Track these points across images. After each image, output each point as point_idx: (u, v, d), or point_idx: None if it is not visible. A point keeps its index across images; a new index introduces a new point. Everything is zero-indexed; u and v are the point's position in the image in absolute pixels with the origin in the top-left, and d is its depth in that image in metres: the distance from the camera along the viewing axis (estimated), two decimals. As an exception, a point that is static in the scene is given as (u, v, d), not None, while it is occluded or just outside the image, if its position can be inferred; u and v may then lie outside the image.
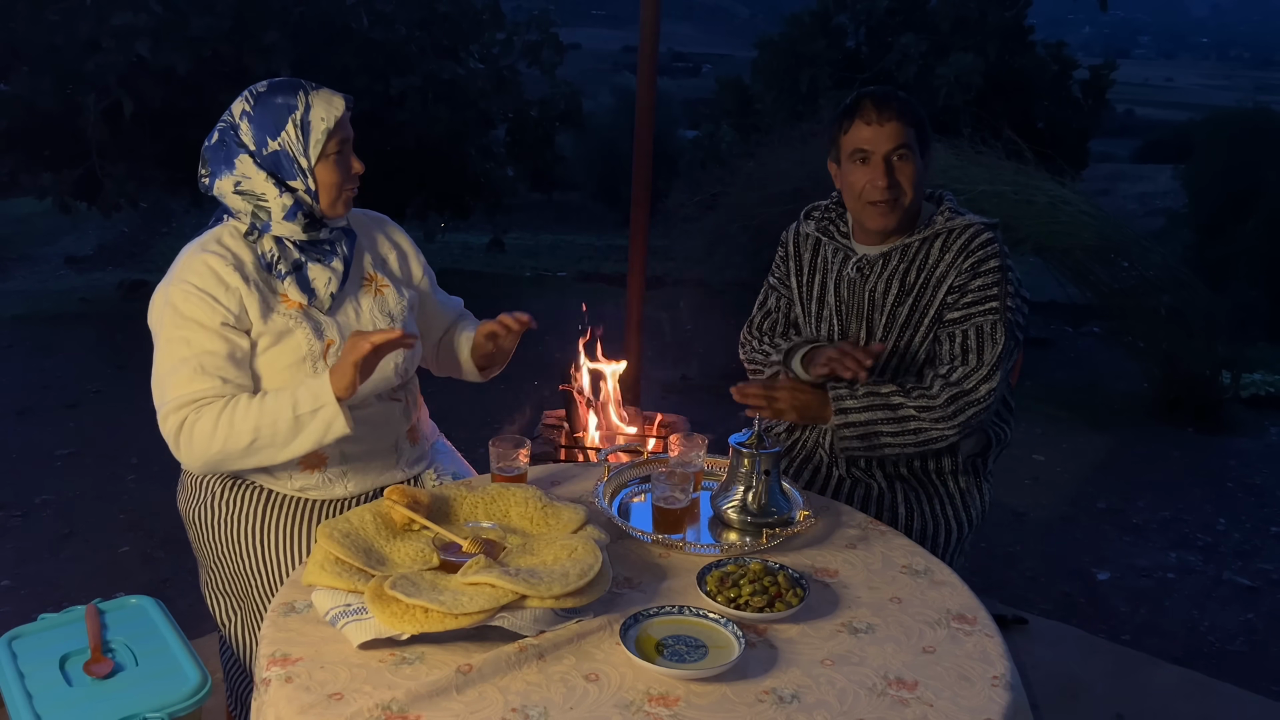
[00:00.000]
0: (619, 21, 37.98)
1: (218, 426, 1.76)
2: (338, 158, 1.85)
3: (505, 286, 8.16)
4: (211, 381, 1.78)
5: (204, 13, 5.78)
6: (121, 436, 4.40)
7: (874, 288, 2.12)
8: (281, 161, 1.82)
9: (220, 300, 1.80)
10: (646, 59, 3.00)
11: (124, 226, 9.65)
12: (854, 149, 2.04)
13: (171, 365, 1.80)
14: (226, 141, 1.84)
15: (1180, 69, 60.67)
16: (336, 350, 1.87)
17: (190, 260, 1.83)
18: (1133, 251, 5.61)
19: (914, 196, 2.04)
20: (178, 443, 1.80)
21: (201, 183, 1.88)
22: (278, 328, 1.84)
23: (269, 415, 1.76)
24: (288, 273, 1.85)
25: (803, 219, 2.27)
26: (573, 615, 1.46)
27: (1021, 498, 4.17)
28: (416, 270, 2.10)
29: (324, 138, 1.82)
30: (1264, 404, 5.69)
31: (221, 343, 1.80)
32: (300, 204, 1.84)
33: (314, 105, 1.82)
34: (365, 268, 2.00)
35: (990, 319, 2.03)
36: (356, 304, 1.95)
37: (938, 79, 8.53)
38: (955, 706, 1.33)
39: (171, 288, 1.82)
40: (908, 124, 2.01)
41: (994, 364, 2.03)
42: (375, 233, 2.07)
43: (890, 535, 1.82)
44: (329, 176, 1.85)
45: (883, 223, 2.07)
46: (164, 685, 1.62)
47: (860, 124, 2.02)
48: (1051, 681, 2.73)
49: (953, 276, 2.05)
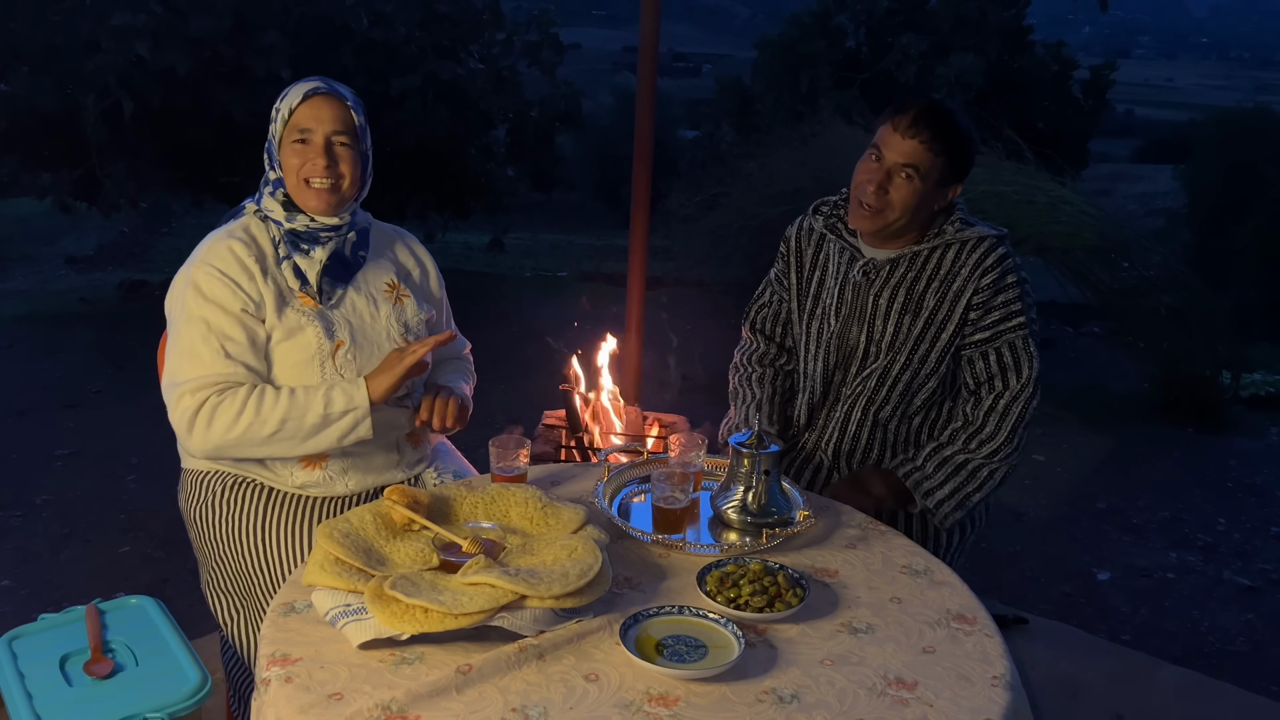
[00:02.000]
0: (619, 21, 38.00)
1: (243, 412, 1.79)
2: (296, 145, 1.87)
3: (505, 286, 8.16)
4: (235, 367, 1.81)
5: (204, 13, 5.78)
6: (121, 436, 4.40)
7: (879, 294, 2.09)
8: (270, 144, 1.92)
9: (242, 286, 1.83)
10: (646, 59, 2.99)
11: (124, 226, 9.65)
12: (874, 144, 2.02)
13: (191, 344, 1.82)
14: None
15: (1180, 69, 60.68)
16: (346, 351, 1.89)
17: (215, 245, 1.87)
18: (1133, 251, 5.62)
19: (901, 216, 2.00)
20: (193, 422, 1.80)
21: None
22: (290, 324, 1.87)
23: (299, 409, 1.81)
24: (285, 257, 1.89)
25: (810, 213, 2.24)
26: (573, 615, 1.46)
27: (1021, 498, 4.17)
28: (435, 288, 2.14)
29: (281, 125, 1.88)
30: (1264, 404, 5.70)
31: (241, 330, 1.83)
32: (280, 182, 1.91)
33: (288, 93, 1.89)
34: (388, 274, 2.03)
35: (1021, 334, 2.03)
36: (374, 308, 1.97)
37: (938, 79, 8.54)
38: (955, 706, 1.33)
39: (195, 269, 1.85)
40: (933, 151, 1.96)
41: (1037, 379, 2.05)
42: (399, 246, 2.11)
43: (890, 535, 1.82)
44: (288, 160, 1.89)
45: (859, 224, 2.05)
46: (164, 685, 1.62)
47: (890, 126, 1.99)
48: (1051, 681, 2.73)
49: (970, 292, 2.02)
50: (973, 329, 2.05)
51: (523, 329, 6.57)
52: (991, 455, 2.04)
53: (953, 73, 8.51)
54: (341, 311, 1.93)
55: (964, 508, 2.07)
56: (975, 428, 2.05)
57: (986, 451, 2.04)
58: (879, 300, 2.09)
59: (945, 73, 8.54)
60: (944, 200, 2.04)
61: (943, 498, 2.04)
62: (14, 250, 9.55)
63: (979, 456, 2.04)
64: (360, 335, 1.92)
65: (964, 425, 2.07)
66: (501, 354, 5.63)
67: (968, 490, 2.05)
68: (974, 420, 2.06)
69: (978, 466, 2.04)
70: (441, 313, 2.16)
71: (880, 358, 2.10)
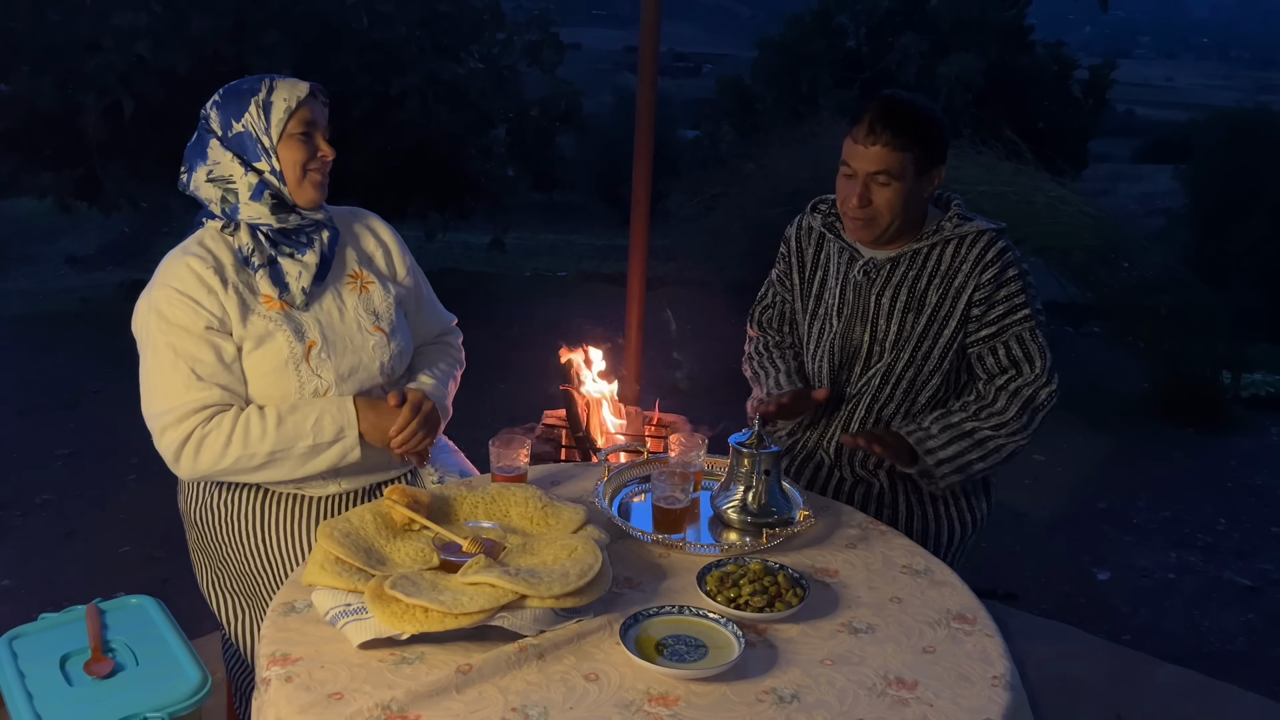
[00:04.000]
0: (619, 21, 37.96)
1: (230, 444, 1.78)
2: (302, 138, 1.85)
3: (505, 286, 8.16)
4: (208, 390, 1.79)
5: (204, 13, 5.78)
6: (121, 436, 4.39)
7: (881, 293, 2.08)
8: (245, 142, 1.83)
9: (203, 304, 1.79)
10: (647, 59, 3.00)
11: (124, 226, 9.63)
12: (843, 160, 2.02)
13: (162, 374, 1.79)
14: (200, 134, 1.86)
15: (1180, 69, 60.57)
16: (319, 351, 1.86)
17: (172, 264, 1.83)
18: (1133, 251, 5.62)
19: (894, 218, 2.00)
20: (180, 454, 1.79)
21: (181, 181, 1.88)
22: (258, 331, 1.83)
23: (287, 439, 1.80)
24: (261, 265, 1.84)
25: (809, 211, 2.23)
26: (573, 615, 1.46)
27: (1021, 498, 4.17)
28: (400, 267, 2.06)
29: (285, 116, 1.83)
30: (1264, 404, 5.69)
31: (209, 349, 1.79)
32: (266, 184, 1.84)
33: (277, 88, 1.84)
34: (350, 264, 1.98)
35: (1028, 325, 2.03)
36: (340, 302, 1.93)
37: (938, 79, 8.54)
38: (955, 706, 1.33)
39: (155, 292, 1.82)
40: (897, 149, 1.93)
41: (1051, 368, 2.04)
42: (358, 228, 2.04)
43: (890, 535, 1.82)
44: (291, 155, 1.84)
45: (856, 235, 2.06)
46: (164, 685, 1.62)
47: (850, 140, 1.99)
48: (1051, 681, 2.73)
49: (971, 288, 2.02)
50: (977, 325, 2.05)
51: (523, 329, 6.57)
52: (998, 428, 2.03)
53: (953, 73, 8.51)
54: (310, 311, 1.89)
55: (964, 473, 2.05)
56: (986, 402, 2.05)
57: (994, 423, 2.03)
58: (881, 300, 2.09)
59: (945, 73, 8.54)
60: (931, 187, 2.04)
61: (944, 458, 2.03)
62: (14, 250, 9.54)
63: (986, 427, 2.03)
64: (331, 332, 1.89)
65: (975, 399, 2.07)
66: (502, 354, 5.63)
67: (971, 457, 2.03)
68: (985, 395, 2.06)
69: (984, 437, 2.03)
70: (415, 290, 2.09)
71: (885, 356, 2.10)
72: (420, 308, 2.10)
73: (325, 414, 1.82)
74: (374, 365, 1.92)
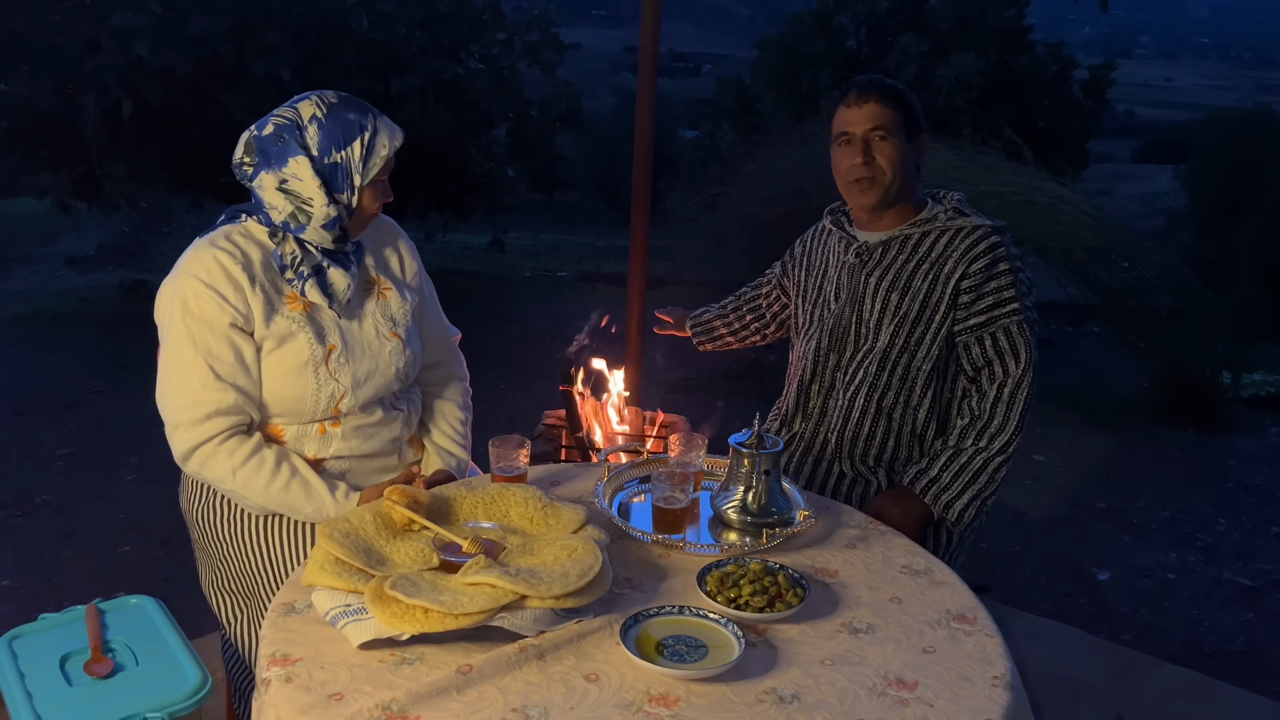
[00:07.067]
0: (619, 21, 37.99)
1: (234, 477, 1.81)
2: (383, 185, 1.89)
3: (505, 286, 8.16)
4: (226, 392, 1.79)
5: (204, 13, 5.78)
6: (121, 436, 4.40)
7: (870, 274, 2.15)
8: (338, 175, 1.83)
9: (229, 299, 1.79)
10: (647, 59, 2.99)
11: (124, 226, 9.63)
12: (838, 131, 2.13)
13: (181, 368, 1.79)
14: (286, 139, 1.81)
15: (1180, 69, 60.61)
16: (338, 355, 1.87)
17: (200, 255, 1.82)
18: (1133, 252, 5.62)
19: (895, 176, 2.09)
20: (188, 457, 1.82)
21: (242, 169, 1.85)
22: (280, 331, 1.83)
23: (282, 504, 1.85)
24: (309, 275, 1.85)
25: (825, 214, 2.34)
26: (573, 615, 1.46)
27: (1021, 498, 4.17)
28: (413, 271, 2.09)
29: (381, 163, 1.85)
30: (1264, 404, 5.70)
31: (229, 348, 1.79)
32: (340, 218, 1.85)
33: (379, 131, 1.85)
34: (369, 270, 2.00)
35: (1015, 319, 2.07)
36: (360, 308, 1.95)
37: (938, 79, 8.54)
38: (955, 706, 1.33)
39: (180, 282, 1.80)
40: (888, 106, 2.08)
41: (1032, 363, 2.08)
42: (377, 235, 2.06)
43: (890, 535, 1.82)
44: (370, 201, 1.88)
45: (863, 200, 2.13)
46: (164, 685, 1.62)
47: (842, 108, 2.12)
48: (1051, 681, 2.73)
49: (959, 275, 2.07)
50: (965, 313, 2.08)
51: (523, 329, 6.58)
52: (1005, 448, 2.06)
53: (953, 73, 8.51)
54: (331, 314, 1.90)
55: (983, 511, 2.10)
56: (984, 422, 2.06)
57: (999, 445, 2.05)
58: (869, 279, 2.15)
59: (945, 73, 8.54)
60: (919, 155, 2.15)
61: (962, 507, 2.06)
62: (14, 250, 9.55)
63: (992, 451, 2.05)
64: (350, 337, 1.90)
65: (972, 422, 2.08)
66: (502, 354, 5.63)
67: (986, 494, 2.07)
68: (981, 414, 2.07)
69: (996, 467, 2.06)
70: (424, 298, 2.10)
71: (870, 337, 2.14)
72: (425, 316, 2.11)
73: (328, 504, 1.86)
74: (390, 371, 1.93)
